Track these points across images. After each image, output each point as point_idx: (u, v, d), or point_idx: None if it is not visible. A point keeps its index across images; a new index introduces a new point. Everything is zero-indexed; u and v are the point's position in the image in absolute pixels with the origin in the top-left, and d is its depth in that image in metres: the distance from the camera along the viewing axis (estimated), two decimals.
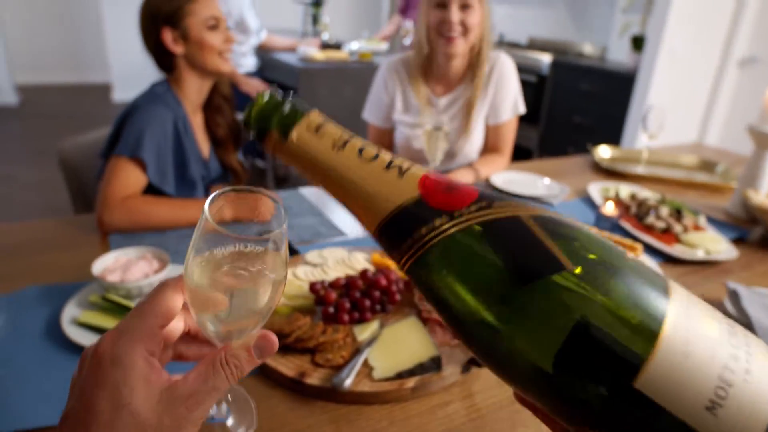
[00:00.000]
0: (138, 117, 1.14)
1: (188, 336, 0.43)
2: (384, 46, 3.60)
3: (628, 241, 1.08)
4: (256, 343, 0.39)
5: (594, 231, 0.34)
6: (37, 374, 0.68)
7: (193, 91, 1.26)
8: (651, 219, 1.22)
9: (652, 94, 3.37)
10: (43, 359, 0.71)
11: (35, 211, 3.04)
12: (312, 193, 1.35)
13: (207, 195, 1.40)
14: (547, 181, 1.48)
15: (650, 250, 1.13)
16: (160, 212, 1.09)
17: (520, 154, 4.64)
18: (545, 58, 4.17)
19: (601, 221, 1.22)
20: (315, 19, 4.01)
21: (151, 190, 1.14)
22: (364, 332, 0.75)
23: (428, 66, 1.52)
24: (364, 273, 0.81)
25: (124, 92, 5.69)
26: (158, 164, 1.14)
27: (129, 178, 1.10)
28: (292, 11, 4.83)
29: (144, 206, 1.09)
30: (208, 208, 0.37)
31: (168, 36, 1.19)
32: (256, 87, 2.88)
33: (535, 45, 4.89)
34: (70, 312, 0.76)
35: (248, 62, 3.08)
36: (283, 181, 3.56)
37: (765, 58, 3.42)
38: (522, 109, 1.57)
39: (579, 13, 4.61)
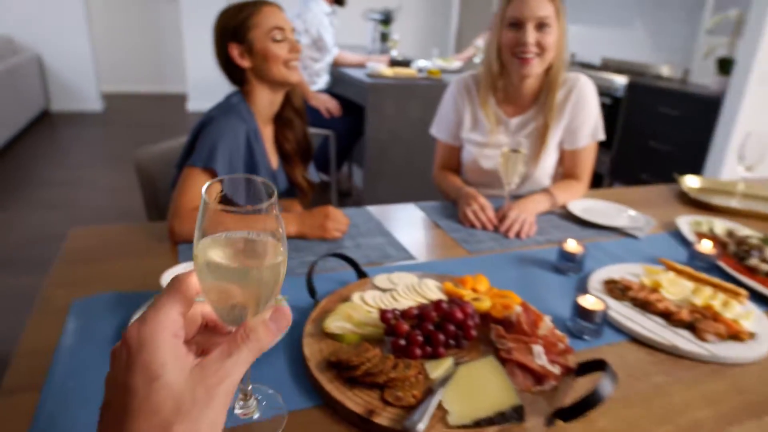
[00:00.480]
0: (212, 128, 1.15)
1: (207, 329, 0.44)
2: (457, 64, 3.55)
3: (730, 286, 0.97)
4: (272, 316, 0.41)
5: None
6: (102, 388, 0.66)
7: (265, 103, 1.25)
8: (754, 261, 1.09)
9: (740, 120, 3.14)
10: None
11: (112, 215, 3.19)
12: (379, 211, 1.31)
13: None
14: (631, 212, 1.37)
15: (755, 296, 1.00)
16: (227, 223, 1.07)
17: (592, 178, 4.44)
18: (620, 80, 3.99)
19: (696, 260, 1.11)
20: (384, 36, 4.03)
21: None
22: (437, 369, 0.70)
23: (499, 86, 1.46)
24: (438, 304, 0.75)
25: (198, 102, 5.96)
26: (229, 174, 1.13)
27: (201, 188, 1.10)
28: (361, 28, 4.89)
29: None
30: (205, 193, 0.42)
31: (234, 51, 1.20)
32: (324, 102, 2.91)
33: (609, 66, 4.71)
34: None
35: (322, 80, 3.11)
36: (346, 196, 3.56)
37: None
38: (602, 135, 1.47)
39: (657, 33, 4.40)
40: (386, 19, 4.07)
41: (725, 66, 3.48)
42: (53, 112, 5.60)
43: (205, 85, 5.80)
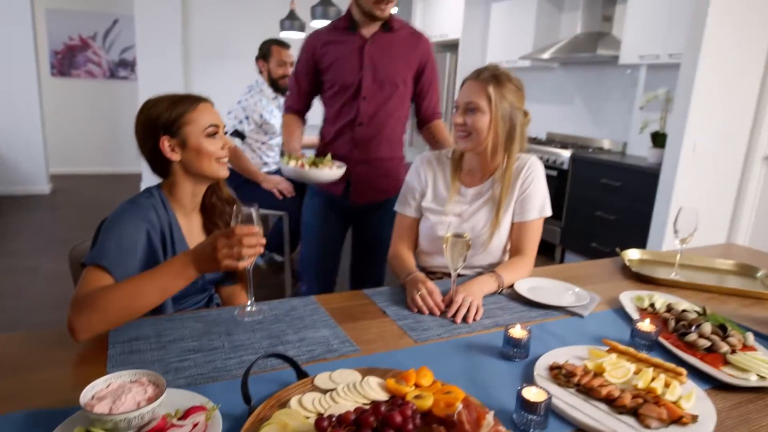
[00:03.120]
0: (107, 227, 1.13)
1: None
2: None
3: (670, 366, 0.98)
4: None
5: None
6: None
7: (186, 195, 1.25)
8: (693, 336, 1.12)
9: (676, 191, 3.32)
10: None
11: (51, 303, 3.03)
12: (326, 300, 1.29)
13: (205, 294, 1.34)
14: (576, 289, 1.40)
15: (695, 373, 1.02)
16: (123, 290, 1.01)
17: (544, 248, 4.56)
18: (565, 153, 4.21)
19: (638, 338, 1.12)
20: None
21: None
22: None
23: (460, 159, 1.60)
24: (376, 407, 0.73)
25: (152, 181, 5.91)
26: (123, 268, 1.09)
27: (95, 283, 1.05)
28: (316, 109, 5.04)
29: (103, 291, 1.02)
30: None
31: (165, 144, 1.19)
32: (276, 183, 2.93)
33: (554, 140, 4.97)
34: None
35: (272, 160, 3.15)
36: (301, 278, 3.50)
37: None
38: (549, 212, 1.55)
39: (596, 109, 4.71)
40: None
41: (658, 140, 3.73)
42: None
43: None
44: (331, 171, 1.82)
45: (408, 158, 2.01)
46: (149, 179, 5.49)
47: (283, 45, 3.09)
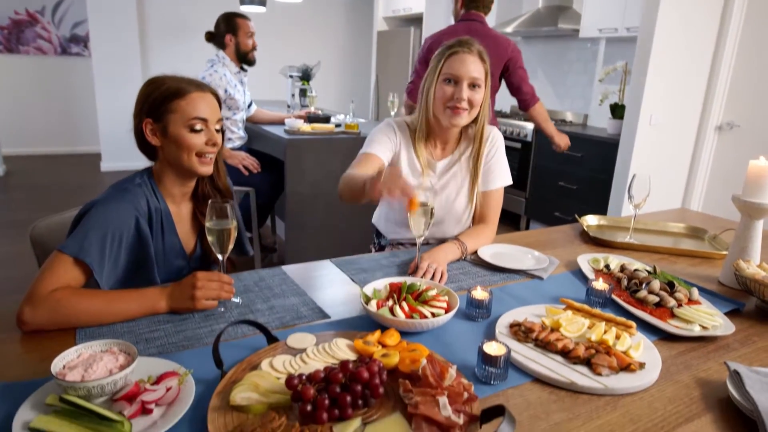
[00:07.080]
0: (93, 214, 1.07)
1: None
2: None
3: (621, 320, 1.05)
4: None
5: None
6: None
7: (173, 184, 1.21)
8: (643, 293, 1.19)
9: (634, 160, 3.44)
10: None
11: (6, 288, 2.95)
12: (295, 270, 1.31)
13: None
14: (536, 253, 1.46)
15: (645, 326, 1.09)
16: (91, 305, 0.98)
17: (509, 218, 4.66)
18: (529, 126, 4.28)
19: (593, 296, 1.19)
20: (303, 93, 4.11)
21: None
22: (344, 431, 0.70)
23: (429, 132, 1.55)
24: (344, 365, 0.76)
25: (112, 162, 5.77)
26: (101, 268, 1.05)
27: (66, 275, 1.01)
28: (280, 84, 4.96)
29: (72, 299, 0.97)
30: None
31: (147, 126, 1.15)
32: (242, 159, 2.90)
33: (518, 113, 5.04)
34: (24, 416, 0.70)
35: (237, 136, 3.11)
36: (271, 251, 3.51)
37: (741, 123, 3.53)
38: (509, 180, 1.59)
39: (559, 82, 4.78)
40: (305, 76, 4.17)
41: (617, 111, 3.83)
42: None
43: (119, 145, 5.62)
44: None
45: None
46: (109, 159, 5.32)
47: (245, 17, 3.03)
